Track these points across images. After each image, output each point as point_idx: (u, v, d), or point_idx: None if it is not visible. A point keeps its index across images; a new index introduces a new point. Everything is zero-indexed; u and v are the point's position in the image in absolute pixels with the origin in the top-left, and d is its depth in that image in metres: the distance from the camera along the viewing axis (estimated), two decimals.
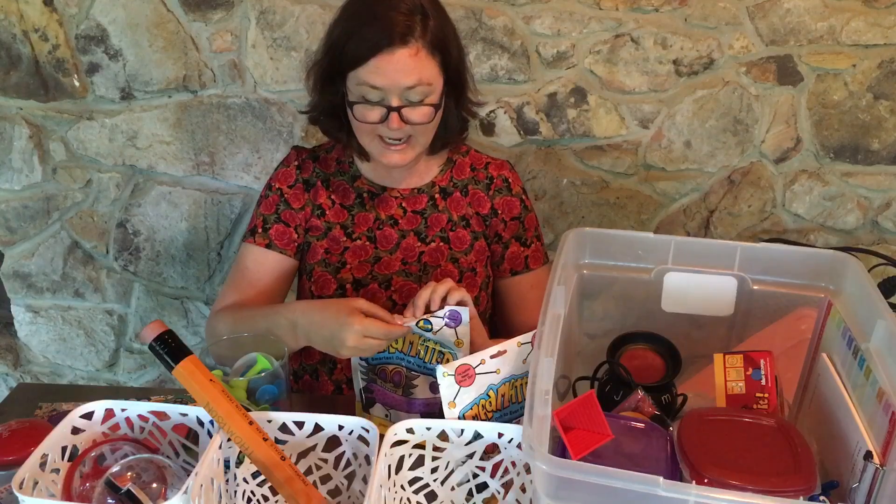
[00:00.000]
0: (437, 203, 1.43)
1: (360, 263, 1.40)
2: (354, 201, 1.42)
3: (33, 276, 2.24)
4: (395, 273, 1.40)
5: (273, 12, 1.92)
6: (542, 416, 0.82)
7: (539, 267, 1.46)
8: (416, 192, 1.42)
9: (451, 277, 1.39)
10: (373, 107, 1.25)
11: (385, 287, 1.40)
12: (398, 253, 1.41)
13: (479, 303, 1.43)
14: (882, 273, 1.82)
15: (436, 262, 1.41)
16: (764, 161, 2.03)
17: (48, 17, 1.95)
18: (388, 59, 1.21)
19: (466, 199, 1.43)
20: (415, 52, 1.22)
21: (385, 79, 1.22)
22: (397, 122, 1.25)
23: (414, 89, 1.24)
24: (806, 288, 1.11)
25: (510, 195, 1.45)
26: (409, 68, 1.22)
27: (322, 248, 1.41)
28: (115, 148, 2.08)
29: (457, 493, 1.01)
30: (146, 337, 0.93)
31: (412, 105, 1.25)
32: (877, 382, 0.91)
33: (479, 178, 1.45)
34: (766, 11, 1.88)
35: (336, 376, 1.44)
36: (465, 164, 1.45)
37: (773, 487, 0.87)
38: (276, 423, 0.98)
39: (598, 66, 1.95)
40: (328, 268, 1.40)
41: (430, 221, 1.42)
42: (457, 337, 1.14)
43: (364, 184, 1.42)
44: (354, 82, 1.25)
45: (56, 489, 0.89)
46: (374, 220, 1.41)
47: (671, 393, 1.13)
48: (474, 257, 1.42)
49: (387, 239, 1.41)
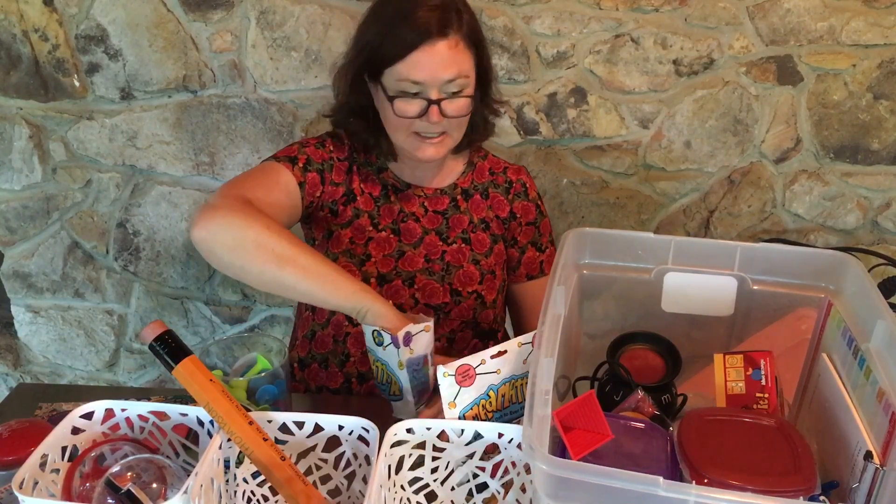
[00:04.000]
0: (459, 204, 1.43)
1: (384, 258, 1.39)
2: (381, 193, 1.42)
3: (33, 276, 2.24)
4: (419, 271, 1.40)
5: (273, 12, 1.92)
6: (542, 416, 0.82)
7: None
8: (440, 192, 1.43)
9: (473, 279, 1.40)
10: (412, 101, 1.26)
11: (409, 285, 1.39)
12: (421, 248, 1.40)
13: (496, 305, 1.44)
14: (882, 273, 1.82)
15: (458, 262, 1.41)
16: (764, 161, 2.03)
17: (48, 17, 1.95)
18: (429, 52, 1.22)
19: (487, 202, 1.45)
20: (455, 44, 1.24)
21: (426, 72, 1.23)
22: (437, 116, 1.26)
23: (453, 82, 1.25)
24: (806, 288, 1.11)
25: (527, 200, 1.47)
26: (449, 60, 1.24)
27: (347, 237, 1.38)
28: (115, 148, 2.08)
29: (457, 493, 1.01)
30: (146, 337, 0.93)
31: (450, 97, 1.26)
32: (877, 382, 0.91)
33: (499, 181, 1.46)
34: (766, 11, 1.88)
35: (347, 368, 1.41)
36: (485, 167, 1.47)
37: (773, 487, 0.87)
38: (276, 423, 0.98)
39: (598, 66, 1.95)
40: (353, 259, 1.38)
41: (451, 222, 1.42)
42: (398, 358, 1.13)
43: (390, 177, 1.42)
44: (393, 78, 1.25)
45: (56, 489, 0.89)
46: (398, 212, 1.41)
47: (671, 393, 1.13)
48: (493, 260, 1.43)
49: (410, 233, 1.41)
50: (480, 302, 1.41)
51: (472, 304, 1.41)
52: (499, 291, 1.44)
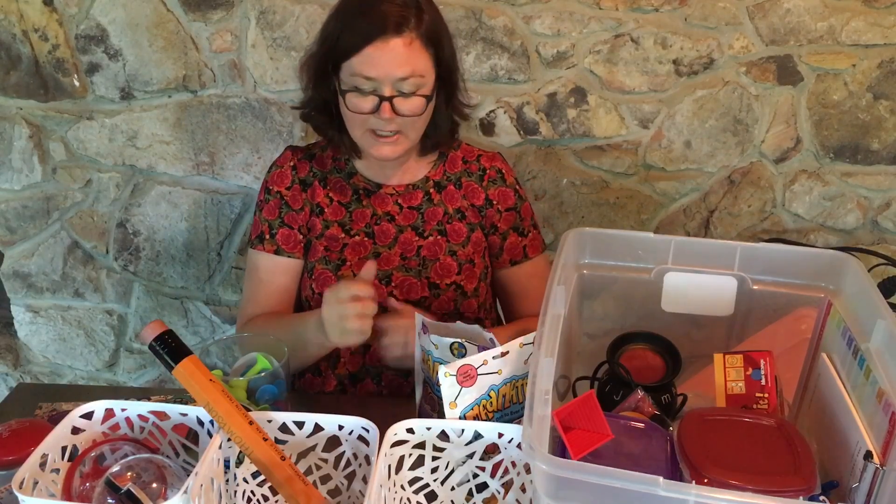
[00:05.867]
0: (433, 197, 1.43)
1: (359, 260, 1.40)
2: (351, 198, 1.43)
3: (33, 276, 2.24)
4: (395, 269, 1.40)
5: (273, 12, 1.92)
6: (542, 416, 0.82)
7: (537, 255, 1.47)
8: (411, 188, 1.43)
9: (451, 270, 1.40)
10: (365, 96, 1.26)
11: (385, 283, 1.40)
12: (397, 248, 1.41)
13: (478, 294, 1.44)
14: (882, 273, 1.82)
15: (434, 255, 1.41)
16: (764, 161, 2.03)
17: (48, 17, 1.95)
18: (382, 48, 1.22)
19: (460, 191, 1.44)
20: (409, 42, 1.23)
21: (378, 69, 1.23)
22: (389, 112, 1.25)
23: (406, 80, 1.24)
24: (806, 288, 1.11)
25: (504, 186, 1.45)
26: (403, 58, 1.23)
27: (322, 245, 1.41)
28: (115, 148, 2.08)
29: (457, 493, 1.01)
30: (146, 337, 0.93)
31: (404, 96, 1.26)
32: (877, 382, 0.91)
33: (472, 169, 1.45)
34: (766, 11, 1.88)
35: (339, 370, 1.43)
36: (457, 157, 1.46)
37: (773, 487, 0.87)
38: (276, 423, 0.98)
39: (598, 66, 1.95)
40: (329, 265, 1.41)
41: (426, 216, 1.42)
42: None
43: (360, 181, 1.43)
44: (348, 73, 1.26)
45: (56, 489, 0.89)
46: (371, 215, 1.42)
47: (671, 393, 1.13)
48: (472, 249, 1.43)
49: (385, 234, 1.41)
50: (461, 293, 1.41)
51: (452, 296, 1.41)
52: (480, 279, 1.44)
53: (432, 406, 1.13)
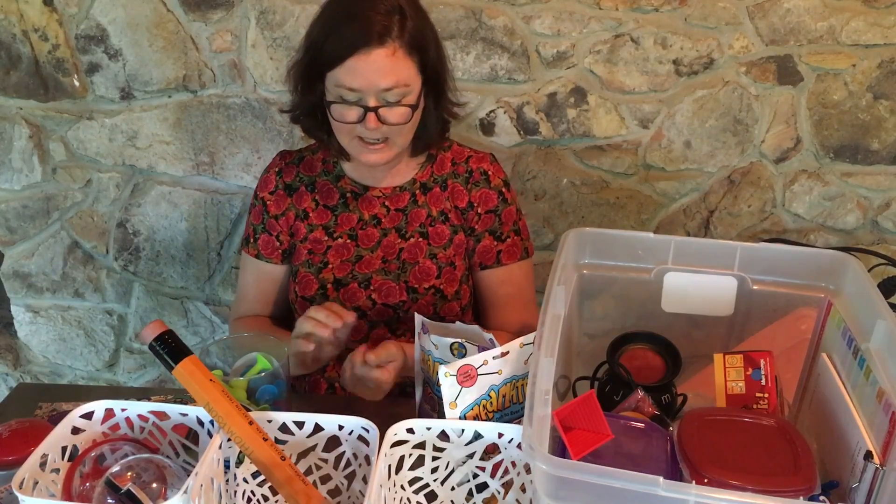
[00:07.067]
0: (418, 199, 1.42)
1: (341, 263, 1.40)
2: (338, 202, 1.43)
3: (33, 276, 2.24)
4: (375, 272, 1.40)
5: (273, 12, 1.92)
6: (542, 416, 0.82)
7: (512, 262, 1.43)
8: (399, 189, 1.43)
9: (430, 274, 1.40)
10: (350, 107, 1.26)
11: (364, 286, 1.39)
12: (379, 251, 1.41)
13: (460, 297, 1.43)
14: (882, 273, 1.82)
15: (414, 258, 1.40)
16: (764, 161, 2.03)
17: (48, 16, 1.95)
18: (364, 60, 1.21)
19: (445, 193, 1.42)
20: (392, 53, 1.22)
21: (362, 80, 1.23)
22: (374, 123, 1.25)
23: (391, 91, 1.24)
24: (806, 288, 1.11)
25: (488, 188, 1.42)
26: (387, 69, 1.22)
27: (305, 249, 1.42)
28: (115, 148, 2.08)
29: (457, 493, 1.01)
30: (146, 337, 0.93)
31: (389, 106, 1.25)
32: (877, 382, 0.91)
33: (459, 171, 1.43)
34: (765, 11, 1.88)
35: (329, 373, 1.44)
36: (447, 158, 1.45)
37: (773, 487, 0.87)
38: (276, 423, 0.98)
39: (598, 66, 1.95)
40: (311, 268, 1.41)
41: (409, 217, 1.42)
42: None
43: (348, 184, 1.43)
44: (332, 83, 1.26)
45: (56, 489, 0.89)
46: (357, 220, 1.42)
47: (671, 393, 1.13)
48: (453, 251, 1.41)
49: (368, 238, 1.41)
50: (440, 297, 1.40)
51: (430, 300, 1.40)
52: (461, 282, 1.42)
53: (432, 406, 1.13)
